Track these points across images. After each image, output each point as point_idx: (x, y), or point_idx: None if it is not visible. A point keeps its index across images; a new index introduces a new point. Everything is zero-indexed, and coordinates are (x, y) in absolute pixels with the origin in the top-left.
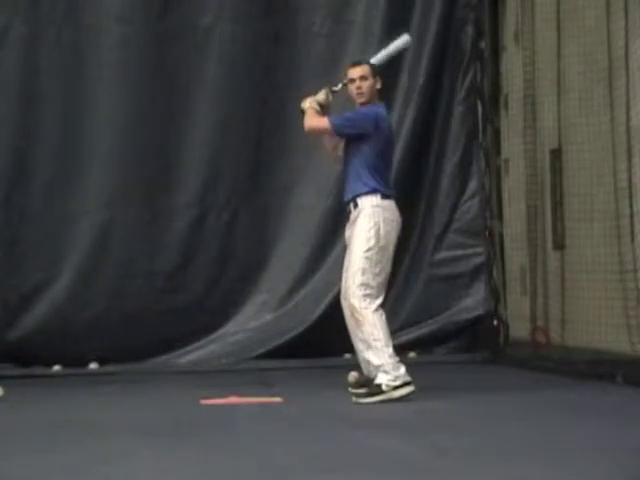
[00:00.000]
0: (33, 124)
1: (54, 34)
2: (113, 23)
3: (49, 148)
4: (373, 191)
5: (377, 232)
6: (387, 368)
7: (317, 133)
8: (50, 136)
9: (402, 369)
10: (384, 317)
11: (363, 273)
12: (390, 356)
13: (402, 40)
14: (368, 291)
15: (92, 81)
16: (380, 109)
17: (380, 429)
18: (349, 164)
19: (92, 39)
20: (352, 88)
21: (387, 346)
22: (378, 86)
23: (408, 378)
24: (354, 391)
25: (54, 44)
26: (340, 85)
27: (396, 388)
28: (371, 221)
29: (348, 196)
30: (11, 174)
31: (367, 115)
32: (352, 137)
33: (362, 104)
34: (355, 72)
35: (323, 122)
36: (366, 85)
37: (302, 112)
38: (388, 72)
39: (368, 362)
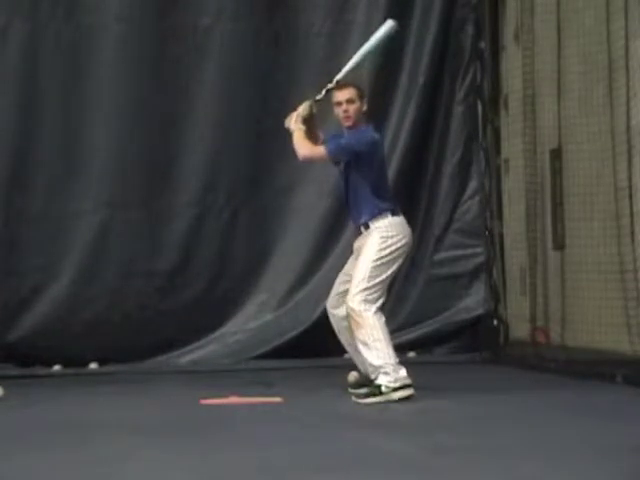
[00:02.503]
0: (33, 124)
1: (54, 34)
2: (113, 23)
3: (49, 148)
4: (384, 211)
5: (389, 245)
6: (388, 369)
7: (313, 162)
8: (50, 136)
9: (403, 371)
10: (384, 319)
11: (368, 281)
12: (390, 357)
13: (386, 26)
14: (369, 297)
15: (92, 81)
16: (371, 132)
17: (380, 429)
18: (353, 189)
19: (92, 39)
20: (339, 111)
21: (388, 347)
22: (364, 108)
23: (408, 381)
24: (354, 391)
25: (54, 44)
26: (324, 92)
27: (395, 390)
28: (384, 234)
29: (359, 221)
30: (11, 174)
31: (361, 140)
32: (349, 161)
33: (349, 127)
34: (342, 95)
35: (318, 151)
36: (353, 108)
37: (288, 132)
38: (388, 72)
39: (368, 364)
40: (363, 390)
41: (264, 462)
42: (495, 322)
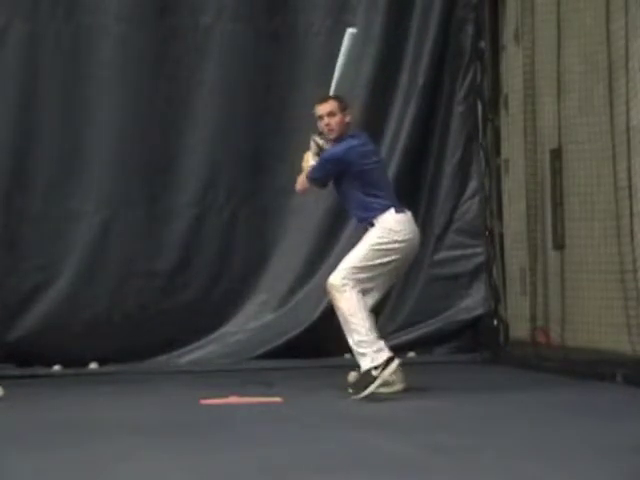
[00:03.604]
0: (33, 124)
1: (54, 34)
2: (113, 23)
3: (49, 148)
4: (386, 208)
5: (389, 236)
6: (367, 350)
7: (306, 192)
8: (50, 136)
9: (381, 343)
10: (362, 297)
11: (358, 261)
12: (368, 333)
13: (347, 37)
14: (353, 276)
15: (92, 81)
16: (347, 142)
17: (380, 429)
18: (350, 198)
19: (92, 39)
20: (321, 125)
21: (364, 321)
22: (347, 119)
23: (389, 353)
24: (354, 391)
25: (54, 44)
26: None
27: (385, 368)
28: (387, 226)
29: (364, 222)
30: (11, 174)
31: (331, 160)
32: (335, 178)
33: (334, 140)
34: (323, 109)
35: (304, 182)
36: (335, 121)
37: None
38: (388, 72)
39: (350, 342)
40: (356, 386)
41: (264, 462)
42: (495, 322)
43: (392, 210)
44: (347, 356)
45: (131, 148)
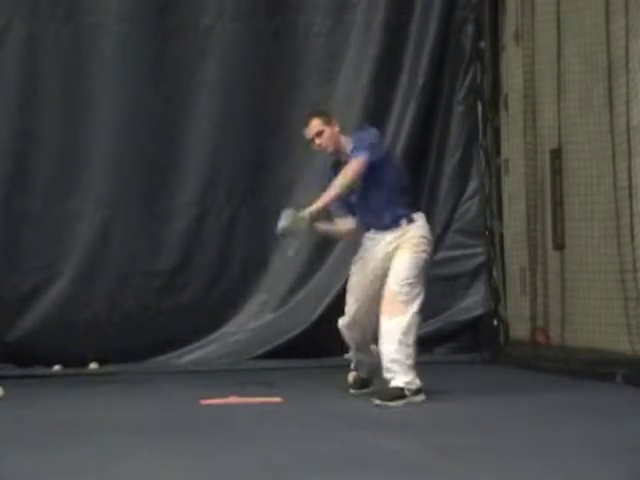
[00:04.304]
0: (33, 124)
1: (54, 34)
2: (113, 22)
3: (49, 148)
4: (415, 207)
5: (428, 247)
6: (406, 370)
7: (355, 181)
8: (50, 136)
9: (414, 373)
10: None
11: (411, 269)
12: (408, 357)
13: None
14: (412, 291)
15: (92, 81)
16: (371, 131)
17: (380, 429)
18: (374, 199)
19: (92, 39)
20: (314, 147)
21: (410, 347)
22: (337, 129)
23: (420, 383)
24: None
25: (54, 44)
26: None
27: (416, 393)
28: (422, 233)
29: (390, 220)
30: (11, 174)
31: (374, 136)
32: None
33: (332, 153)
34: (309, 132)
35: (353, 166)
36: (325, 138)
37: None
38: (388, 72)
39: (387, 356)
40: (375, 390)
41: (264, 462)
42: (495, 322)
43: (420, 213)
44: (347, 356)
45: (131, 148)
